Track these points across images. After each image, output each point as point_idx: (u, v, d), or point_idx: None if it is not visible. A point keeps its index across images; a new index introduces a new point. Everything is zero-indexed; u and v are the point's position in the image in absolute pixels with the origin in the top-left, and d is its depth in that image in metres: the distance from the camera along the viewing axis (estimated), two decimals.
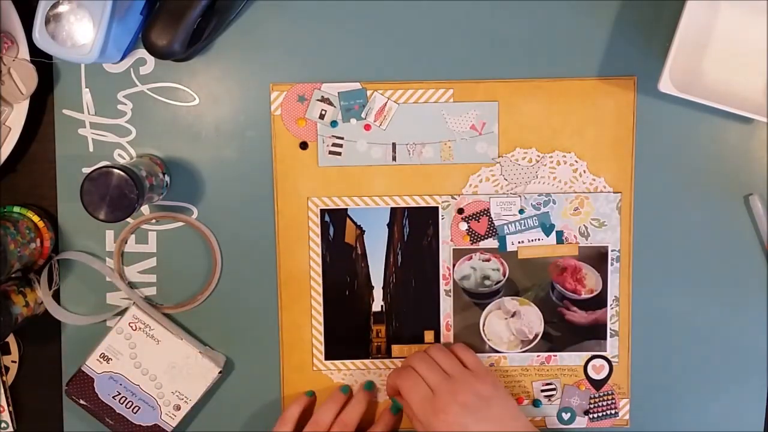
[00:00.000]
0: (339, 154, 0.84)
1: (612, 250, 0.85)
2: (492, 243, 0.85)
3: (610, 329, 0.86)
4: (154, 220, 0.85)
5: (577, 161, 0.84)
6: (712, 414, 0.87)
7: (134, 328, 0.83)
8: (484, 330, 0.86)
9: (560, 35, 0.82)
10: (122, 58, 0.82)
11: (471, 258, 0.85)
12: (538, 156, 0.84)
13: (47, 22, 0.73)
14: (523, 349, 0.86)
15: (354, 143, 0.84)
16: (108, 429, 0.84)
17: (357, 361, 0.86)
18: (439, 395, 0.76)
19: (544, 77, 0.83)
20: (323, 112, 0.83)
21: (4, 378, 0.85)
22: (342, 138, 0.84)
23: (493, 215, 0.85)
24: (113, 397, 0.84)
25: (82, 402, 0.84)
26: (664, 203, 0.84)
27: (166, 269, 0.85)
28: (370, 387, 0.85)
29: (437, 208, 0.84)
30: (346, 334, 0.86)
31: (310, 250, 0.85)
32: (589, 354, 0.86)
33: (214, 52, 0.83)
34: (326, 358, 0.86)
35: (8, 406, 0.86)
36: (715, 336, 0.86)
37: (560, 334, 0.86)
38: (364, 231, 0.85)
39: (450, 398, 0.75)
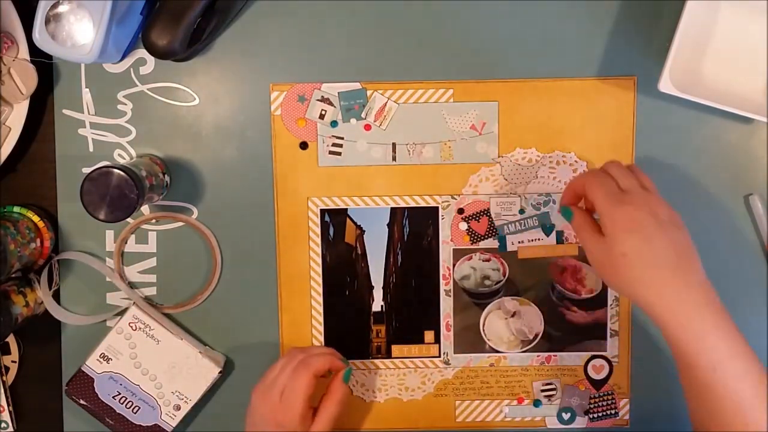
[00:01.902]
0: (339, 154, 0.84)
1: None
2: (492, 243, 0.85)
3: (610, 329, 0.86)
4: (154, 220, 0.85)
5: (577, 161, 0.84)
6: None
7: (134, 328, 0.83)
8: (484, 330, 0.86)
9: (560, 35, 0.82)
10: (122, 58, 0.82)
11: (471, 258, 0.85)
12: (538, 156, 0.84)
13: (47, 22, 0.73)
14: (523, 349, 0.86)
15: (354, 143, 0.84)
16: (108, 429, 0.84)
17: (357, 361, 0.86)
18: (632, 193, 0.71)
19: (544, 77, 0.83)
20: (323, 112, 0.83)
21: (4, 378, 0.85)
22: (342, 138, 0.84)
23: (493, 215, 0.85)
24: (113, 397, 0.84)
25: (82, 402, 0.84)
26: None
27: (166, 269, 0.85)
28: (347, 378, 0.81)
29: (437, 208, 0.84)
30: (346, 334, 0.86)
31: (310, 250, 0.85)
32: (589, 354, 0.86)
33: (214, 52, 0.83)
34: None
35: (8, 406, 0.86)
36: None
37: (560, 334, 0.86)
38: (364, 231, 0.85)
39: (642, 200, 0.70)
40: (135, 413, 0.84)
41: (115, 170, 0.74)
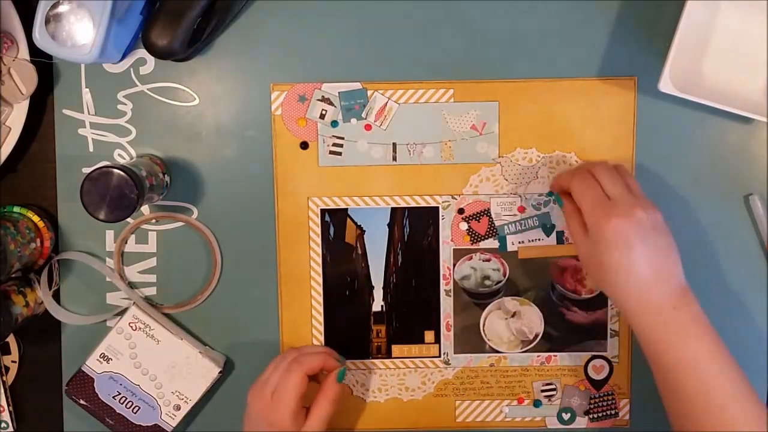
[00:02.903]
0: (339, 154, 0.84)
1: None
2: (492, 243, 0.85)
3: (610, 329, 0.86)
4: (154, 220, 0.85)
5: (577, 161, 0.84)
6: None
7: (134, 328, 0.83)
8: (484, 330, 0.86)
9: (560, 35, 0.82)
10: (122, 58, 0.82)
11: (471, 258, 0.85)
12: (538, 156, 0.84)
13: (47, 22, 0.73)
14: (523, 349, 0.86)
15: (354, 143, 0.84)
16: (108, 429, 0.84)
17: (357, 361, 0.86)
18: (618, 203, 0.74)
19: (544, 77, 0.83)
20: (324, 112, 0.83)
21: (4, 378, 0.85)
22: (342, 138, 0.84)
23: (493, 215, 0.85)
24: (113, 397, 0.84)
25: (82, 402, 0.84)
26: (664, 203, 0.84)
27: (166, 269, 0.85)
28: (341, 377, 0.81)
29: (437, 208, 0.84)
30: (346, 334, 0.86)
31: (310, 250, 0.85)
32: (589, 354, 0.86)
33: (214, 52, 0.83)
34: None
35: (8, 406, 0.86)
36: None
37: (560, 334, 0.86)
38: (365, 231, 0.85)
39: (627, 209, 0.73)
40: (135, 413, 0.84)
41: (115, 170, 0.74)
